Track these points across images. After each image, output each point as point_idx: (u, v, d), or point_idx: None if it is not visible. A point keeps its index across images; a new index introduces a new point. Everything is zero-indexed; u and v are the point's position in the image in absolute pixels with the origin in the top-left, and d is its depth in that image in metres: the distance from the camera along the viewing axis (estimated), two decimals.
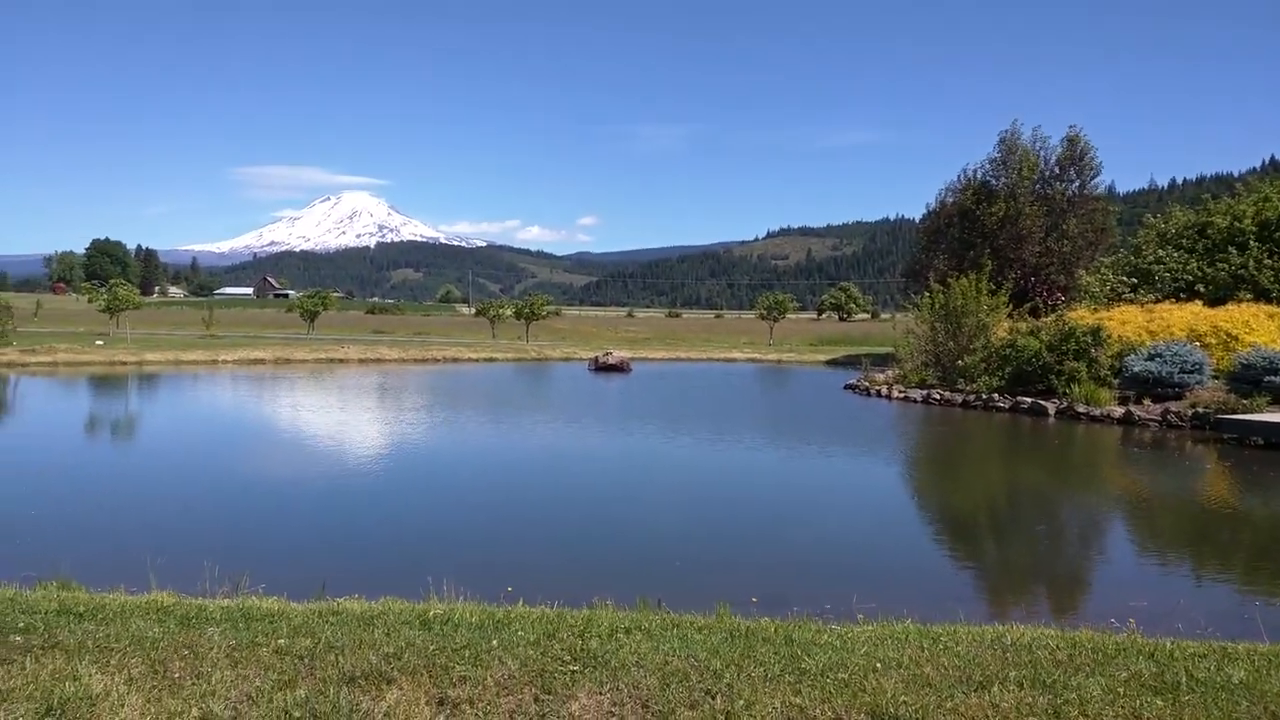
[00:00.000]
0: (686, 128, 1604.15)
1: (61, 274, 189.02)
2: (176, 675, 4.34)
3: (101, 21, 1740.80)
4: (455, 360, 45.97)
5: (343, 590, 7.08)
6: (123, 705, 3.97)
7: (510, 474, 15.86)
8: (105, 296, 54.92)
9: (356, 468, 15.91)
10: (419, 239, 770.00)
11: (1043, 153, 40.65)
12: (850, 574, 9.49)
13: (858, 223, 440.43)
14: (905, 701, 4.22)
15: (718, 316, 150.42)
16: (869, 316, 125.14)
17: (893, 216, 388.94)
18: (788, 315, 72.56)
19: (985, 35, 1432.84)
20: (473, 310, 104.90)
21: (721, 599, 6.66)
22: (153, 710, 3.96)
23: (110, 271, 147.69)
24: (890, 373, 32.61)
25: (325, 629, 5.16)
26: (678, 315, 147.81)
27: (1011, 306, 31.47)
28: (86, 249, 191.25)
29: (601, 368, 41.56)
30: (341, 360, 42.82)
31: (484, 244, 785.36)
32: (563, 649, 4.85)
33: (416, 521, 11.86)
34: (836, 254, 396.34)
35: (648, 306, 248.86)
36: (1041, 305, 35.76)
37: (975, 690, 4.41)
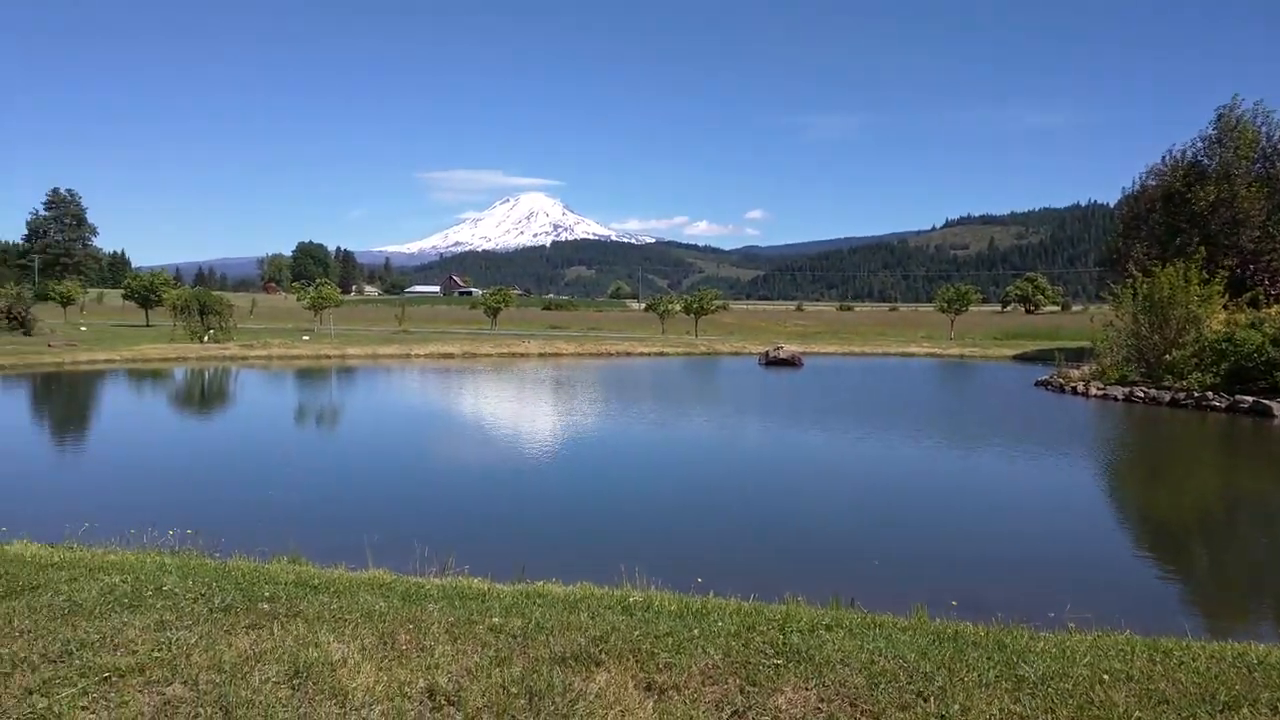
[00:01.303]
0: (859, 116, 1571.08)
1: (272, 275, 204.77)
2: (403, 647, 4.62)
3: (303, 49, 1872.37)
4: (627, 354, 46.73)
5: (540, 573, 7.34)
6: (358, 672, 4.25)
7: (689, 466, 16.00)
8: (311, 295, 59.13)
9: (543, 457, 16.47)
10: (591, 237, 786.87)
11: (1265, 129, 37.14)
12: (1053, 580, 9.03)
13: (1045, 210, 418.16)
14: (1140, 717, 3.98)
15: (892, 309, 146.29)
16: (1059, 309, 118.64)
17: (1084, 202, 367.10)
18: (970, 308, 69.63)
19: (1185, 8, 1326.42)
20: (643, 305, 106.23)
21: (916, 600, 6.48)
22: (384, 678, 4.22)
23: (313, 272, 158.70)
24: (1087, 368, 30.73)
25: (534, 610, 5.36)
26: (849, 308, 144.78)
27: (1227, 297, 28.99)
28: (293, 251, 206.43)
29: (773, 362, 41.19)
30: (523, 354, 44.34)
31: (652, 240, 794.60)
32: (764, 641, 4.84)
33: (604, 509, 12.18)
34: (1021, 243, 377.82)
35: (817, 300, 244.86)
36: (1264, 295, 32.73)
37: (1221, 711, 4.09)
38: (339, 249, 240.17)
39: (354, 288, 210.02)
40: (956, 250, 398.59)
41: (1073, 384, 28.91)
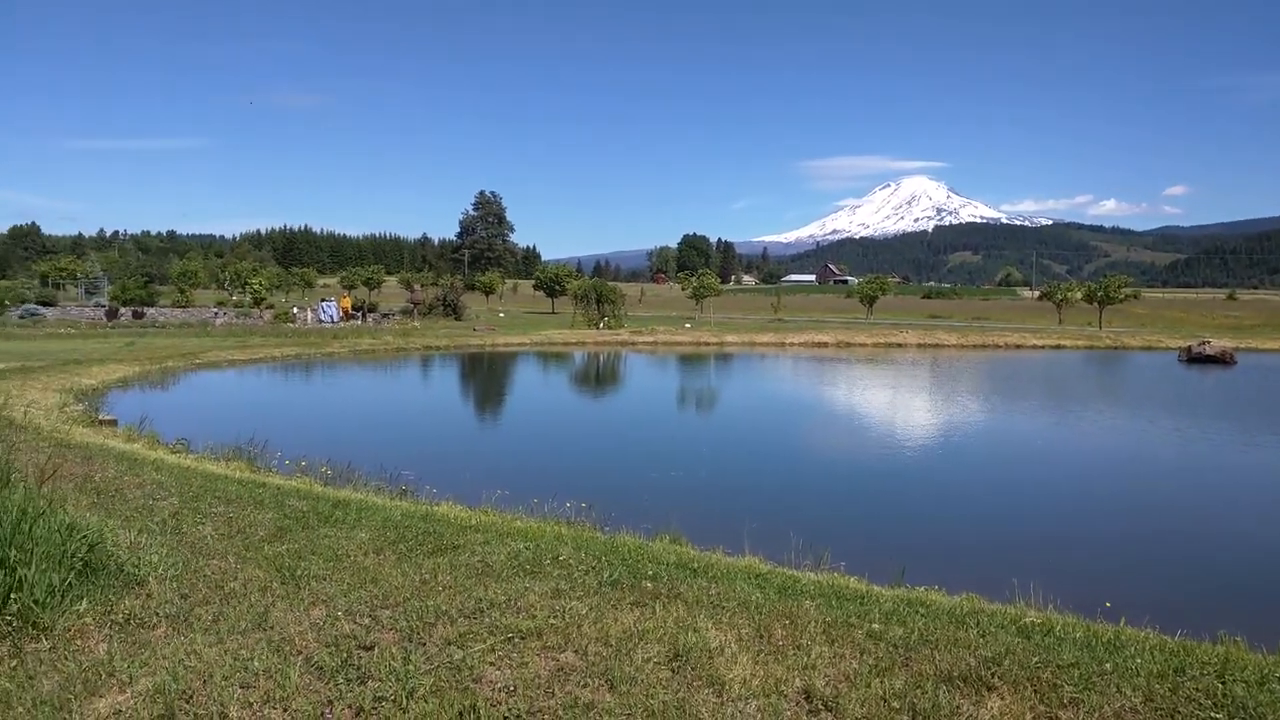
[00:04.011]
0: None
1: (660, 265, 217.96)
2: (779, 642, 4.53)
3: (695, 53, 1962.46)
4: (1017, 347, 43.57)
5: (920, 579, 6.94)
6: (735, 663, 4.23)
7: (1090, 475, 14.47)
8: (693, 284, 62.04)
9: (922, 455, 15.77)
10: (978, 220, 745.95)
11: None
12: None
13: None
14: None
15: None
16: None
17: None
18: None
19: None
20: (1035, 294, 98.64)
21: None
22: (760, 673, 4.15)
23: (696, 262, 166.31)
24: None
25: (916, 620, 5.04)
26: None
27: None
28: (679, 243, 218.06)
29: (1196, 358, 36.18)
30: (900, 345, 43.04)
31: (1049, 222, 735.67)
32: (1197, 689, 4.13)
33: (992, 516, 11.36)
34: None
35: (1254, 288, 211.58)
36: None
37: None
38: (720, 240, 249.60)
39: (733, 277, 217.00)
40: None
41: None
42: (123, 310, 45.98)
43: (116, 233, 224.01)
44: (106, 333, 36.38)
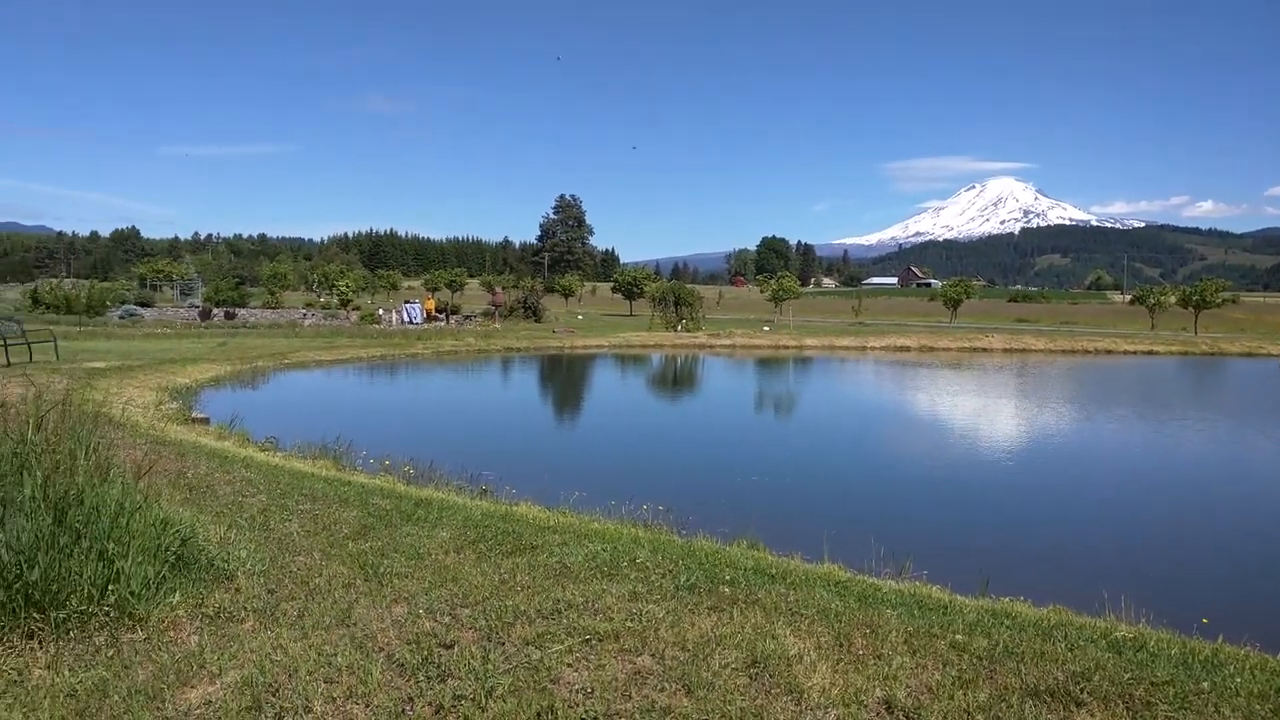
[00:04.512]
0: None
1: (738, 268, 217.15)
2: (859, 652, 4.44)
3: (774, 53, 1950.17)
4: (1108, 352, 42.13)
5: (1004, 590, 6.75)
6: (814, 671, 4.16)
7: (1186, 486, 13.90)
8: (772, 287, 61.60)
9: (1007, 463, 15.35)
10: (1067, 222, 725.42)
11: None
12: None
13: None
14: None
15: None
16: None
17: None
18: None
19: None
20: (1127, 298, 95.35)
21: None
22: (840, 682, 4.07)
23: (775, 265, 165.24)
24: None
25: (1001, 631, 4.89)
26: None
27: None
28: (758, 246, 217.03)
29: None
30: (985, 349, 42.05)
31: (1141, 224, 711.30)
32: None
33: (1082, 527, 10.98)
34: None
35: None
36: None
37: None
38: (800, 243, 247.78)
39: (812, 280, 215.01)
40: None
41: None
42: (215, 311, 47.63)
43: (210, 236, 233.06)
44: (200, 333, 37.73)
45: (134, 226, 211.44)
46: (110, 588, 4.42)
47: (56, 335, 23.52)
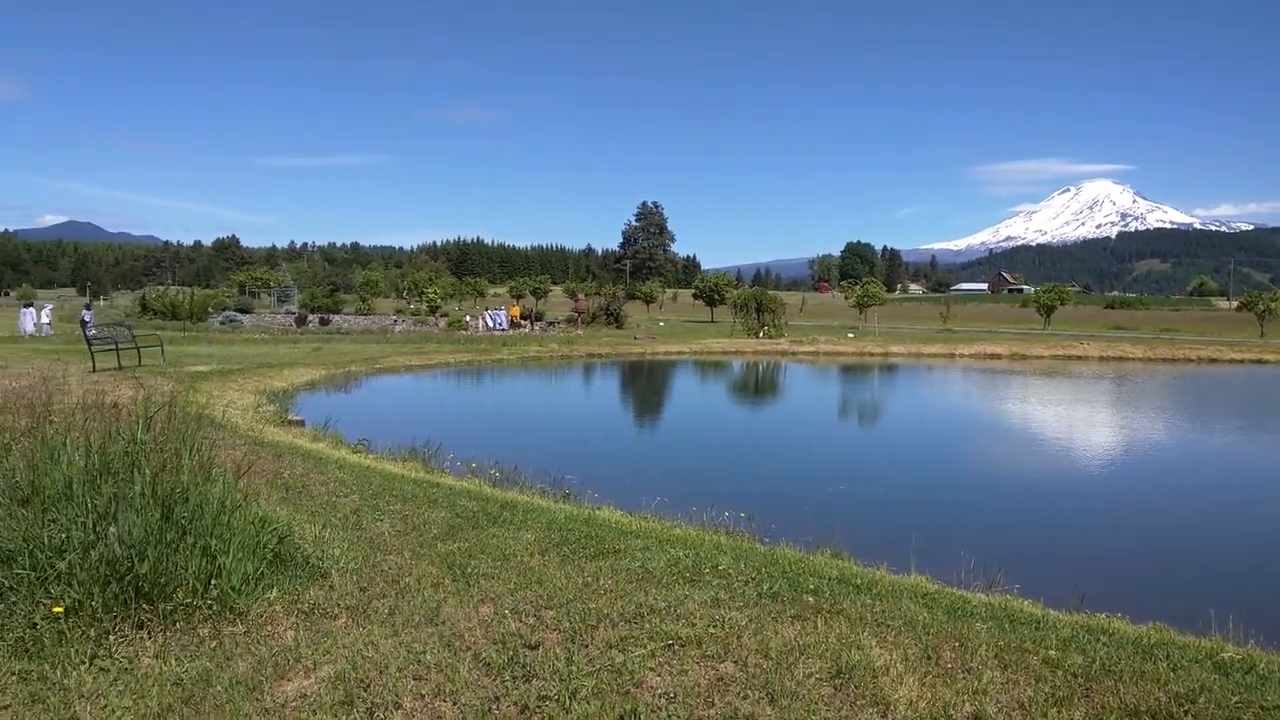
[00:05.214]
0: None
1: (822, 274, 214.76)
2: (948, 665, 4.35)
3: (856, 58, 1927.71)
4: (1212, 361, 40.34)
5: (1100, 605, 6.52)
6: (901, 683, 4.09)
7: None
8: (857, 293, 60.79)
9: (1107, 474, 14.84)
10: (1167, 226, 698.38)
11: None
12: None
13: None
14: None
15: None
16: None
17: None
18: None
19: None
20: (1233, 304, 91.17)
21: None
22: (928, 695, 4.00)
23: (860, 271, 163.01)
24: None
25: (1098, 649, 4.73)
26: None
27: None
28: (842, 251, 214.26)
29: None
30: (1080, 357, 40.71)
31: (1249, 227, 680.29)
32: None
33: (1184, 542, 10.56)
34: None
35: None
36: None
37: None
38: (885, 248, 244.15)
39: (898, 286, 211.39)
40: None
41: None
42: (311, 317, 49.15)
43: (306, 244, 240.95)
44: (296, 338, 38.98)
45: (234, 235, 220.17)
46: (213, 582, 4.60)
47: (163, 340, 24.59)
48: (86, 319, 36.81)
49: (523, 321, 51.38)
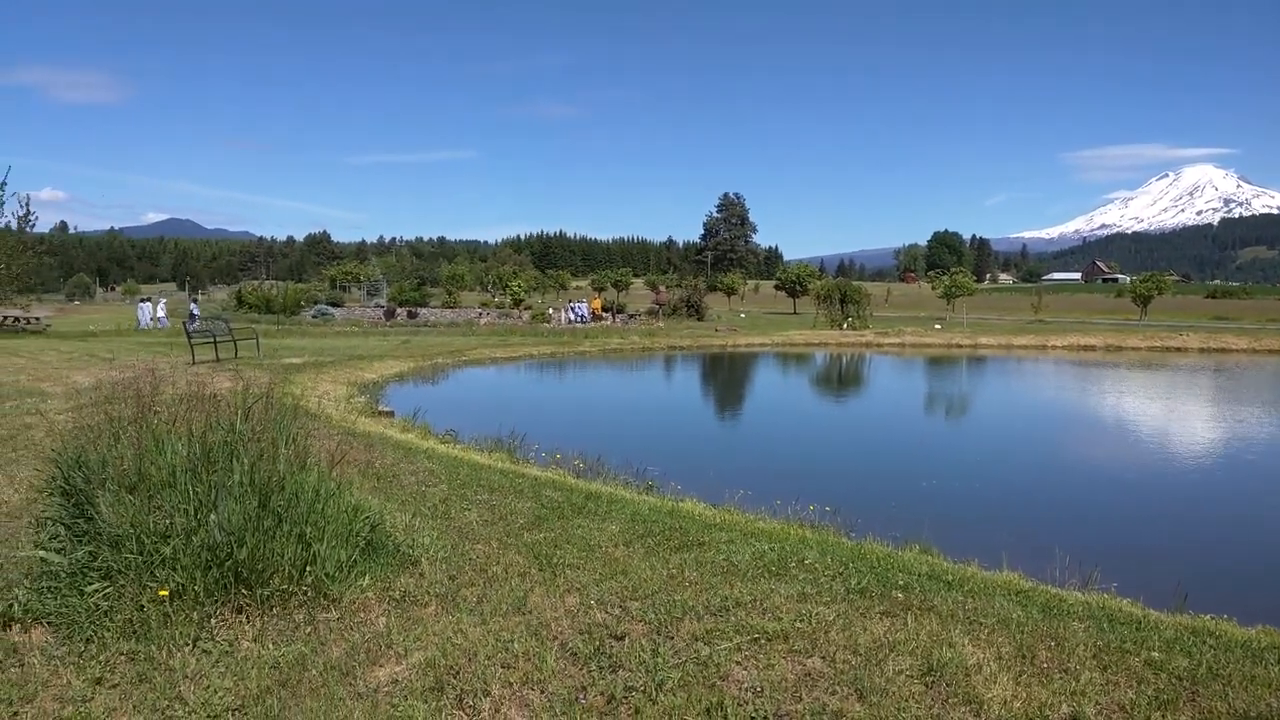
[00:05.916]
0: None
1: (908, 264, 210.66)
2: (1043, 665, 4.23)
3: (938, 44, 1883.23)
4: None
5: (1204, 607, 6.25)
6: (994, 682, 3.99)
7: None
8: (945, 283, 59.46)
9: (1209, 470, 14.24)
10: (1275, 212, 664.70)
11: None
12: None
13: None
14: None
15: None
16: None
17: None
18: None
19: None
20: None
21: None
22: (1023, 695, 3.90)
23: (947, 261, 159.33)
24: None
25: (1204, 651, 4.54)
26: None
27: None
28: (928, 241, 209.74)
29: None
30: (1179, 349, 39.13)
31: None
32: None
33: None
34: None
35: None
36: None
37: None
38: (974, 237, 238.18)
39: (988, 276, 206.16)
40: None
41: None
42: (399, 310, 50.30)
43: (394, 239, 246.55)
44: (385, 331, 39.91)
45: (325, 231, 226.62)
46: (308, 569, 4.74)
47: (258, 333, 25.43)
48: (194, 312, 38.32)
49: (604, 314, 51.68)
